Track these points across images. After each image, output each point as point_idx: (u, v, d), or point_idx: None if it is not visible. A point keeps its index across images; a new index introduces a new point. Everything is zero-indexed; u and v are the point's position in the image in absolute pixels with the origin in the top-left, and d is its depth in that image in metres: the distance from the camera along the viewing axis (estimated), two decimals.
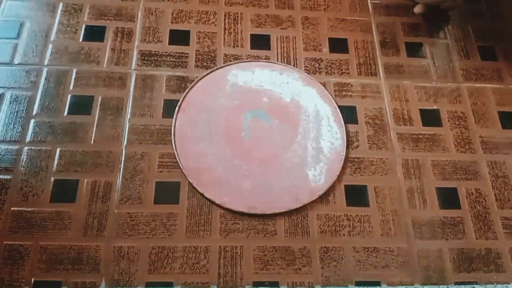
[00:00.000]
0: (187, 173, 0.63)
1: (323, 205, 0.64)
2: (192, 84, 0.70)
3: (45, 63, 0.70)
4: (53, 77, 0.69)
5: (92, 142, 0.65)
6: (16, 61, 0.70)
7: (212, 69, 0.72)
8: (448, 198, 0.66)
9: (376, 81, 0.75)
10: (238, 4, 0.80)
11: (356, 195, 0.65)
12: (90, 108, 0.67)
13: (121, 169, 0.64)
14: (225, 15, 0.78)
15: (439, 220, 0.64)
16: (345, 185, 0.65)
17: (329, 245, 0.61)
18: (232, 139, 0.67)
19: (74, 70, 0.70)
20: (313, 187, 0.64)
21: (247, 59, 0.74)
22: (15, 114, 0.66)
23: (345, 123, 0.69)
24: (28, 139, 0.65)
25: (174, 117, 0.67)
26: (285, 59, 0.75)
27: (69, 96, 0.68)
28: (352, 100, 0.72)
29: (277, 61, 0.74)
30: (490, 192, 0.67)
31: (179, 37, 0.75)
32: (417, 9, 0.80)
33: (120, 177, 0.63)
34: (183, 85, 0.70)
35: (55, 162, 0.63)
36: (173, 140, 0.65)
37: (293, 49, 0.76)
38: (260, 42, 0.76)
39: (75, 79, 0.69)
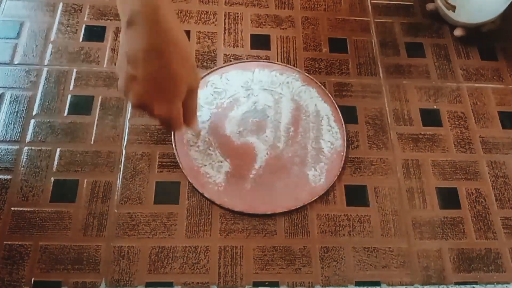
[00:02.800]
0: (187, 173, 0.63)
1: (323, 205, 0.64)
2: None
3: (45, 63, 0.70)
4: (53, 77, 0.69)
5: (92, 142, 0.65)
6: (16, 61, 0.70)
7: (212, 69, 0.72)
8: (448, 198, 0.66)
9: (376, 81, 0.75)
10: (238, 4, 0.80)
11: (356, 195, 0.65)
12: (90, 108, 0.67)
13: (121, 169, 0.64)
14: (225, 15, 0.78)
15: (439, 220, 0.64)
16: (345, 185, 0.65)
17: (329, 245, 0.61)
18: (232, 139, 0.67)
19: (74, 70, 0.70)
20: (313, 187, 0.64)
21: (247, 59, 0.74)
22: (15, 114, 0.66)
23: (345, 123, 0.69)
24: (28, 139, 0.64)
25: None
26: (285, 59, 0.75)
27: (69, 96, 0.68)
28: (352, 100, 0.72)
29: (277, 61, 0.74)
30: (490, 192, 0.67)
31: None
32: (457, 32, 0.78)
33: (120, 177, 0.63)
34: None
35: (55, 162, 0.63)
36: (173, 140, 0.65)
37: (293, 49, 0.76)
38: (260, 42, 0.76)
39: (75, 79, 0.69)
